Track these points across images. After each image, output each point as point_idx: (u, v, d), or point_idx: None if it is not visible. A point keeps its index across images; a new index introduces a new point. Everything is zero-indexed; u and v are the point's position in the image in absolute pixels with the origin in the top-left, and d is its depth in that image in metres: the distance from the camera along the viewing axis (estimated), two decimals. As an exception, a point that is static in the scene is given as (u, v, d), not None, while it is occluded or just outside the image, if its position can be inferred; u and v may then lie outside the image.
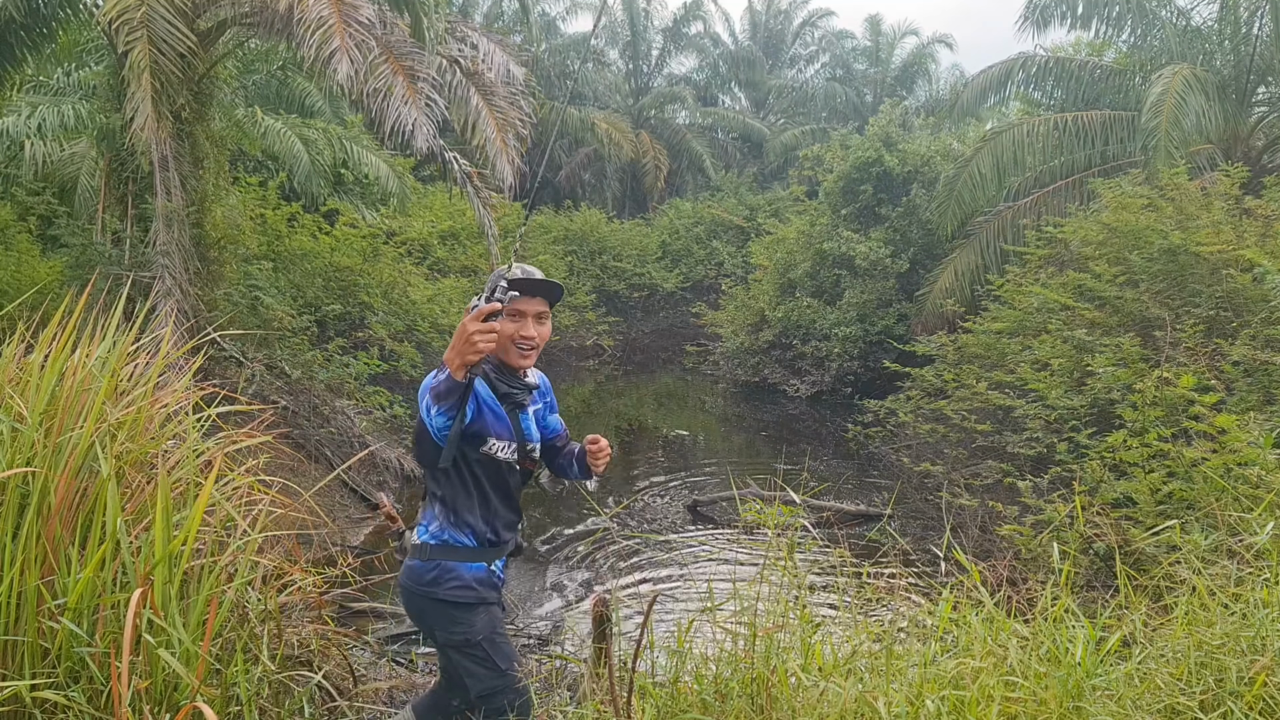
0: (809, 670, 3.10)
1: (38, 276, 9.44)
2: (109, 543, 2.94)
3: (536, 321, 3.01)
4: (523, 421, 3.10)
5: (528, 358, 3.02)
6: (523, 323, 2.98)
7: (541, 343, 3.04)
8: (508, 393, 3.05)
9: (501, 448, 3.02)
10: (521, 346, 2.99)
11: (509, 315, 2.93)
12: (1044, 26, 14.70)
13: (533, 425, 3.14)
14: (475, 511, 3.07)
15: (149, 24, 7.56)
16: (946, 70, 34.23)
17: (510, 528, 3.14)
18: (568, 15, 32.16)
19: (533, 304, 2.99)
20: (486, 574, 3.10)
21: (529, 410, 3.14)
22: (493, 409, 3.02)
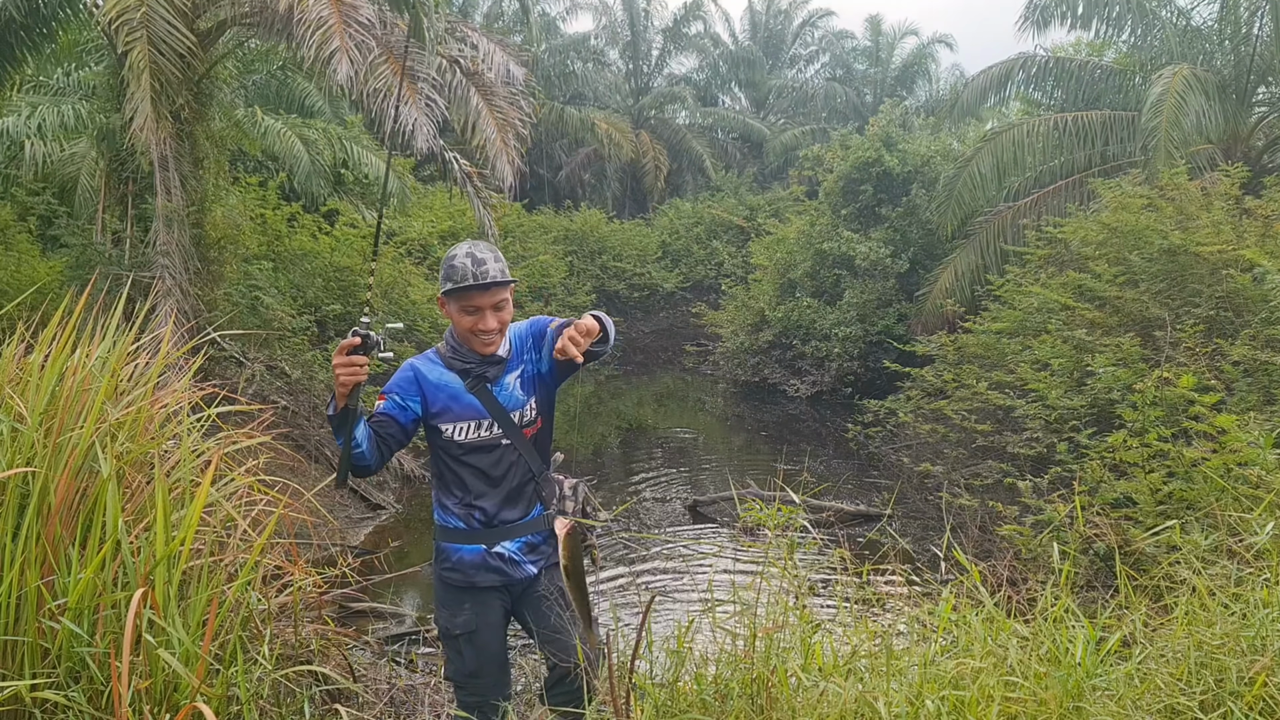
0: (809, 670, 3.10)
1: (38, 276, 9.44)
2: (109, 543, 2.94)
3: (494, 311, 2.90)
4: (499, 393, 2.97)
5: (491, 345, 2.94)
6: (480, 317, 2.89)
7: (504, 327, 2.95)
8: (465, 369, 2.96)
9: (464, 429, 2.94)
10: (482, 337, 2.92)
11: (462, 309, 2.88)
12: (1044, 26, 14.69)
13: (515, 390, 3.00)
14: (453, 494, 3.01)
15: (149, 24, 7.55)
16: (946, 70, 34.27)
17: (512, 505, 3.01)
18: (568, 15, 32.19)
19: (486, 297, 2.87)
20: (483, 558, 2.99)
21: (505, 379, 3.01)
22: (448, 391, 2.95)
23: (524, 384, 3.03)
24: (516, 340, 3.06)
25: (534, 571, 3.05)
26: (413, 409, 2.93)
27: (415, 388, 2.97)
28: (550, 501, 3.01)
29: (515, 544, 3.02)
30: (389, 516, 8.64)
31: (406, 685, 4.53)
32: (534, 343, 3.06)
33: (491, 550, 2.99)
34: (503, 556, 3.00)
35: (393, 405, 2.95)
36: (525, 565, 3.03)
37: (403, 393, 2.97)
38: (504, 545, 3.01)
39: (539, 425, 3.04)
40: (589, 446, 12.80)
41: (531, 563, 3.05)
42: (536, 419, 3.03)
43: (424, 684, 4.57)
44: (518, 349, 3.05)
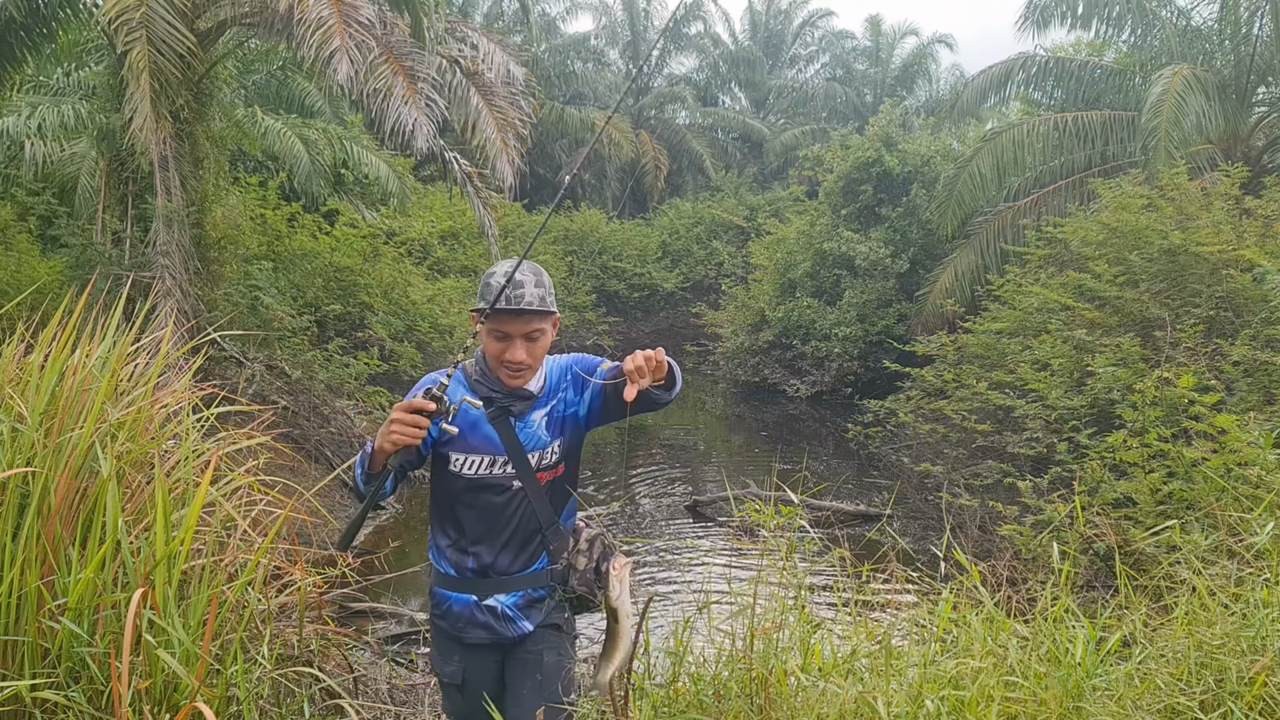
0: (808, 671, 3.10)
1: (38, 276, 9.44)
2: (109, 543, 2.94)
3: (526, 341, 2.58)
4: (521, 430, 2.64)
5: (518, 378, 2.62)
6: (509, 345, 2.57)
7: (536, 362, 2.64)
8: (491, 397, 2.63)
9: (474, 463, 2.62)
10: (509, 369, 2.60)
11: (492, 334, 2.58)
12: (1044, 26, 14.70)
13: (540, 429, 2.67)
14: (447, 534, 2.71)
15: (148, 24, 7.55)
16: (946, 70, 34.26)
17: (511, 554, 2.67)
18: (568, 15, 32.22)
19: (518, 324, 2.56)
20: (471, 611, 2.68)
21: (531, 416, 2.67)
22: (466, 418, 2.60)
23: (551, 424, 2.71)
24: (554, 375, 2.74)
25: (528, 628, 2.71)
26: (430, 432, 2.54)
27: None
28: (559, 555, 2.70)
29: (511, 598, 2.69)
30: (389, 516, 8.65)
31: (406, 685, 4.53)
32: (574, 381, 2.73)
33: (483, 603, 2.68)
34: (494, 611, 2.68)
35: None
36: (519, 622, 2.70)
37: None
38: (497, 598, 2.68)
39: (560, 471, 2.71)
40: (589, 446, 12.78)
41: (527, 619, 2.72)
42: (558, 464, 2.70)
43: (424, 684, 4.57)
44: (553, 385, 2.72)
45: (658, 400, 2.50)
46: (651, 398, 2.46)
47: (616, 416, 2.67)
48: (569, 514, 2.77)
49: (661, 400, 2.51)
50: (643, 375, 2.32)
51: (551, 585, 2.70)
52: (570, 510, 2.76)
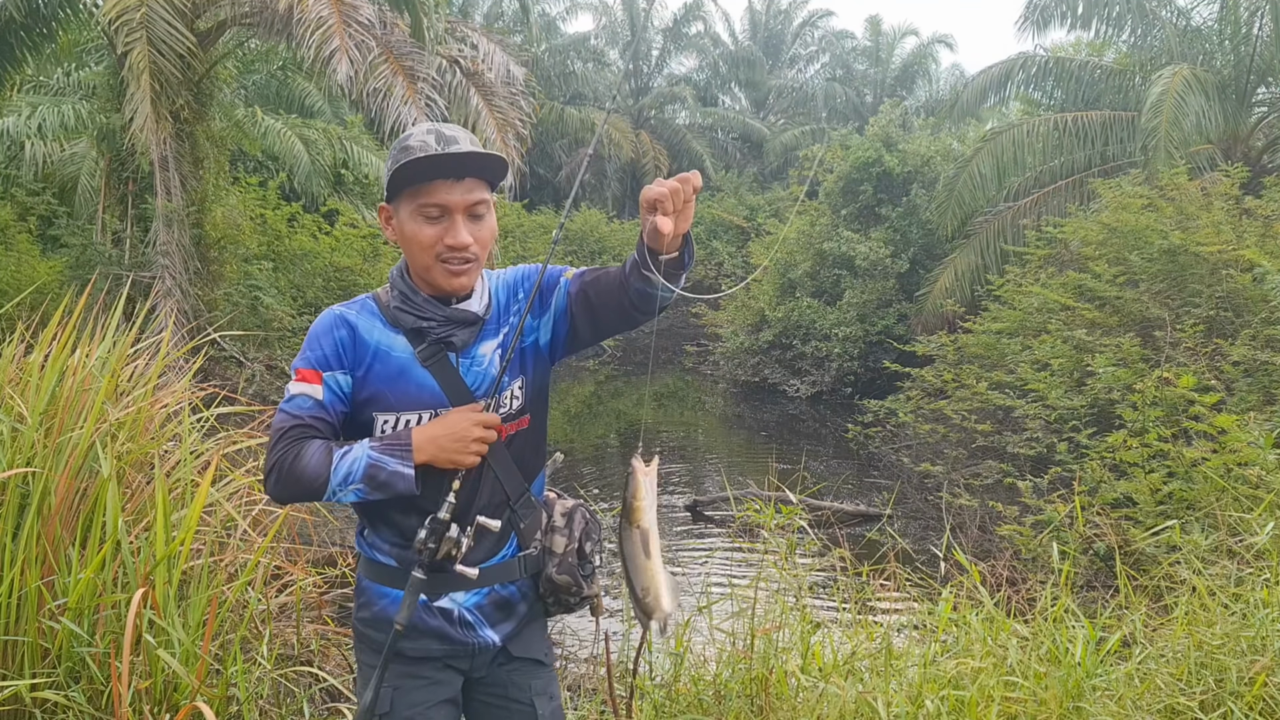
0: (809, 671, 3.10)
1: (38, 276, 9.44)
2: (109, 543, 2.94)
3: (469, 219, 1.84)
4: (467, 370, 1.92)
5: (462, 274, 1.86)
6: (448, 224, 1.83)
7: (483, 253, 1.88)
8: (420, 328, 1.90)
9: (408, 424, 1.89)
10: (450, 262, 1.84)
11: (420, 213, 1.83)
12: (1044, 26, 14.71)
13: (493, 367, 1.93)
14: (382, 520, 1.98)
15: (148, 25, 7.56)
16: (946, 70, 34.29)
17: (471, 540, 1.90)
18: (568, 15, 32.22)
19: (457, 189, 1.82)
20: (416, 614, 1.90)
21: (478, 349, 1.93)
22: (390, 362, 1.90)
23: (507, 350, 1.93)
24: (500, 293, 1.99)
25: (495, 640, 1.99)
26: (338, 385, 1.89)
27: (349, 356, 1.90)
28: (531, 536, 2.02)
29: (472, 597, 1.96)
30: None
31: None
32: (531, 298, 1.96)
33: (434, 604, 1.94)
34: (449, 615, 1.95)
35: (333, 397, 1.88)
36: (481, 629, 1.98)
37: (338, 370, 1.89)
38: (453, 598, 1.95)
39: (525, 423, 1.99)
40: (589, 447, 12.79)
41: (496, 627, 2.00)
42: (522, 413, 1.97)
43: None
44: (501, 305, 1.98)
45: (655, 289, 1.73)
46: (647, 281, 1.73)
47: (590, 339, 1.97)
48: (540, 483, 2.07)
49: (662, 291, 1.74)
50: (667, 211, 1.65)
51: (524, 578, 2.02)
52: (542, 478, 2.08)
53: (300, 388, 1.87)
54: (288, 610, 3.81)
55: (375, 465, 1.81)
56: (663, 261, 1.72)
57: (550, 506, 2.07)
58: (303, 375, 1.88)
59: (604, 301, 1.87)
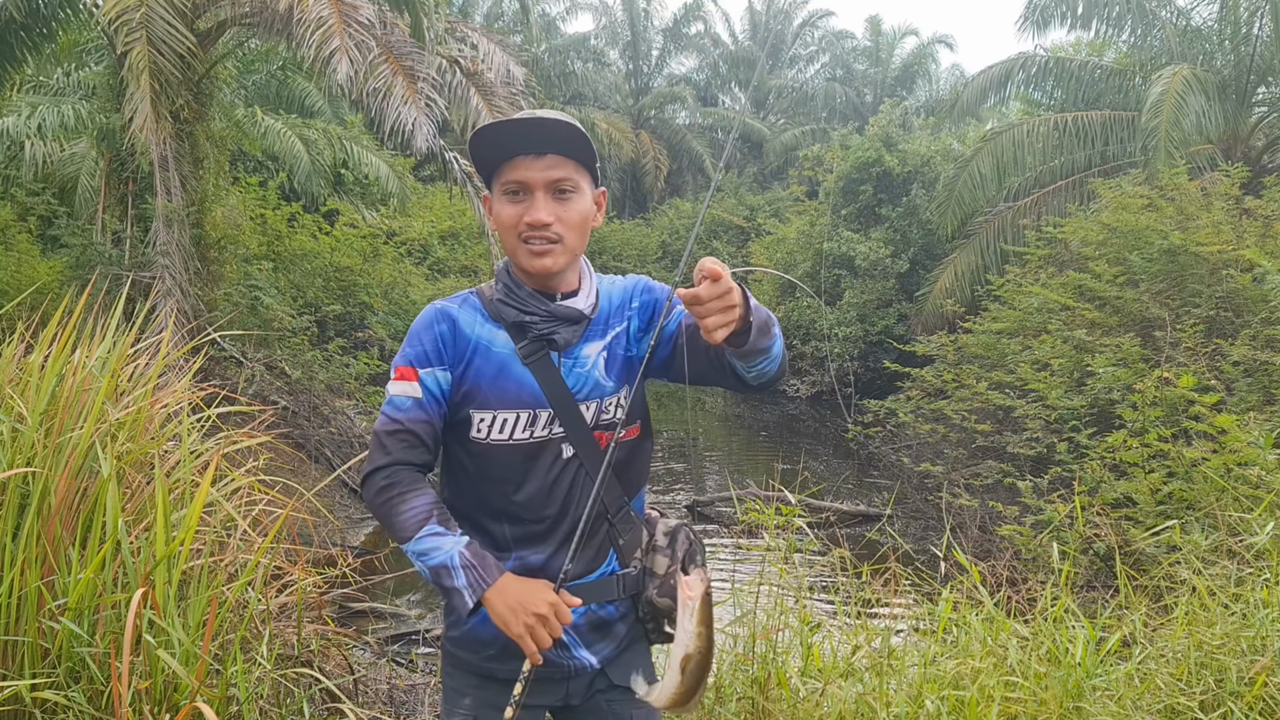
0: (809, 671, 3.10)
1: (38, 276, 9.44)
2: (109, 543, 2.94)
3: (552, 196, 1.76)
4: (569, 370, 1.83)
5: (542, 256, 1.77)
6: (528, 201, 1.75)
7: (569, 232, 1.78)
8: (522, 322, 1.82)
9: (506, 423, 1.80)
10: (530, 242, 1.76)
11: (505, 193, 1.78)
12: (1044, 27, 14.71)
13: (597, 370, 1.85)
14: (472, 520, 1.87)
15: (148, 25, 7.56)
16: (946, 70, 34.32)
17: (553, 534, 1.83)
18: (568, 15, 32.25)
19: (538, 166, 1.74)
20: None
21: (581, 350, 1.85)
22: (489, 357, 1.82)
23: (612, 364, 1.87)
24: (613, 296, 1.93)
25: (592, 663, 1.89)
26: (435, 384, 1.82)
27: (449, 352, 1.83)
28: (631, 554, 1.91)
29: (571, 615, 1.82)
30: (389, 516, 8.63)
31: (407, 685, 4.53)
32: (642, 311, 1.92)
33: None
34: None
35: (431, 397, 1.81)
36: (577, 650, 1.87)
37: (437, 366, 1.82)
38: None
39: (634, 433, 1.90)
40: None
41: (592, 648, 1.89)
42: (630, 424, 1.88)
43: (424, 684, 4.57)
44: (611, 308, 1.91)
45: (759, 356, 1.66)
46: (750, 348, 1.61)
47: (680, 375, 1.85)
48: (641, 500, 1.98)
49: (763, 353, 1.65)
50: (711, 311, 1.49)
51: (622, 599, 1.90)
52: (643, 496, 1.98)
53: (398, 387, 1.81)
54: (288, 610, 3.81)
55: (448, 570, 1.73)
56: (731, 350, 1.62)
57: (652, 525, 1.97)
58: (401, 373, 1.82)
59: (709, 352, 1.75)
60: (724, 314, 1.51)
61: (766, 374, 1.73)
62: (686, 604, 1.71)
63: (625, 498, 1.90)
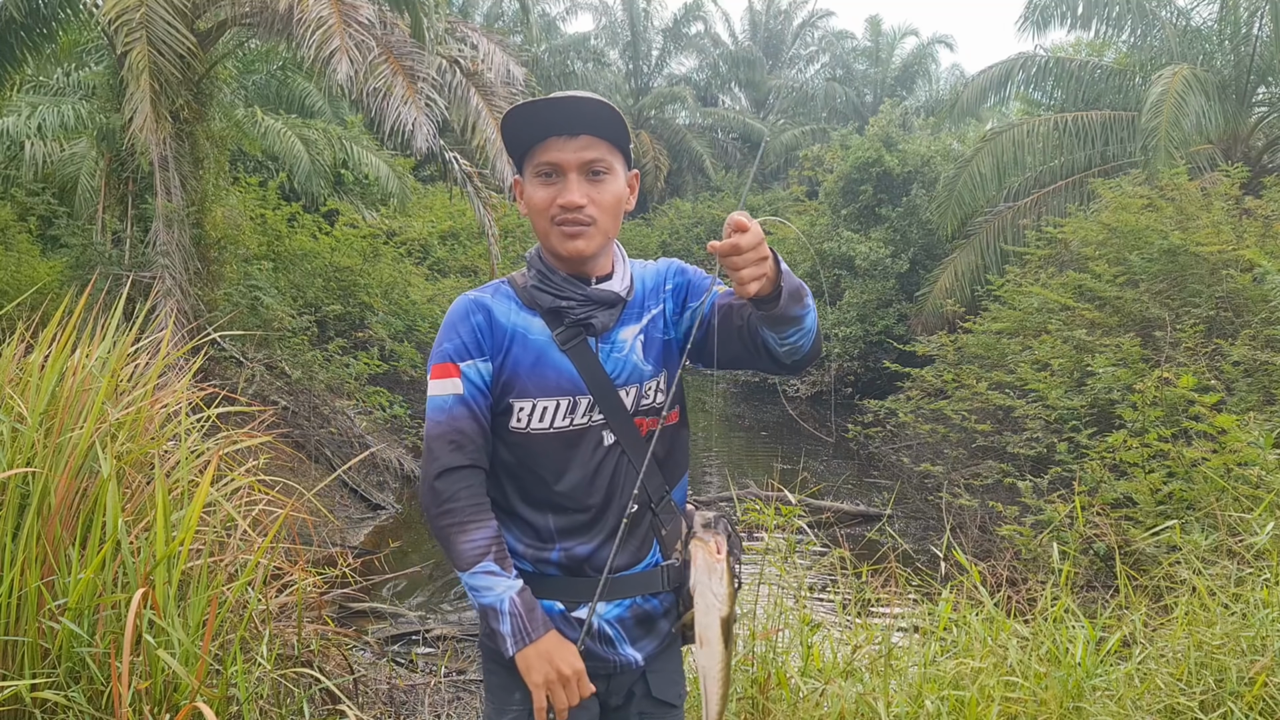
0: (809, 671, 3.10)
1: (38, 276, 9.44)
2: (109, 543, 2.94)
3: (585, 177, 1.72)
4: (607, 355, 1.80)
5: (575, 238, 1.73)
6: (560, 183, 1.72)
7: (602, 214, 1.74)
8: (558, 308, 1.79)
9: (546, 412, 1.77)
10: (564, 224, 1.72)
11: (537, 175, 1.74)
12: (1044, 27, 14.70)
13: (635, 354, 1.82)
14: (516, 520, 1.84)
15: (148, 25, 7.56)
16: (946, 70, 34.32)
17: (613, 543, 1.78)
18: (568, 15, 32.24)
19: (571, 147, 1.70)
20: (556, 621, 1.79)
21: (618, 333, 1.81)
22: (527, 345, 1.79)
23: (650, 348, 1.84)
24: (647, 279, 1.89)
25: (637, 659, 1.85)
26: (477, 376, 1.79)
27: (487, 342, 1.79)
28: (672, 545, 1.88)
29: (614, 608, 1.82)
30: (389, 516, 8.64)
31: (407, 685, 4.53)
32: (675, 293, 1.88)
33: (571, 614, 1.80)
34: (589, 629, 1.79)
35: (475, 389, 1.78)
36: (622, 647, 1.84)
37: (477, 358, 1.78)
38: (599, 611, 1.80)
39: (673, 419, 1.86)
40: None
41: (637, 644, 1.85)
42: (667, 409, 1.83)
43: (424, 684, 4.57)
44: (647, 290, 1.87)
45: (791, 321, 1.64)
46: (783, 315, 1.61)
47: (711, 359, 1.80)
48: (682, 490, 1.94)
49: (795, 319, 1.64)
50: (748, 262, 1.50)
51: (666, 591, 1.87)
52: (684, 485, 1.95)
53: (439, 386, 1.77)
54: (288, 610, 3.82)
55: (495, 613, 1.72)
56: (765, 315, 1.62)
57: (690, 517, 1.92)
58: (440, 370, 1.77)
59: (742, 331, 1.73)
60: (758, 265, 1.51)
61: (801, 349, 1.73)
62: (714, 566, 1.66)
63: (667, 486, 1.88)
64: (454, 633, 5.83)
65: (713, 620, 1.67)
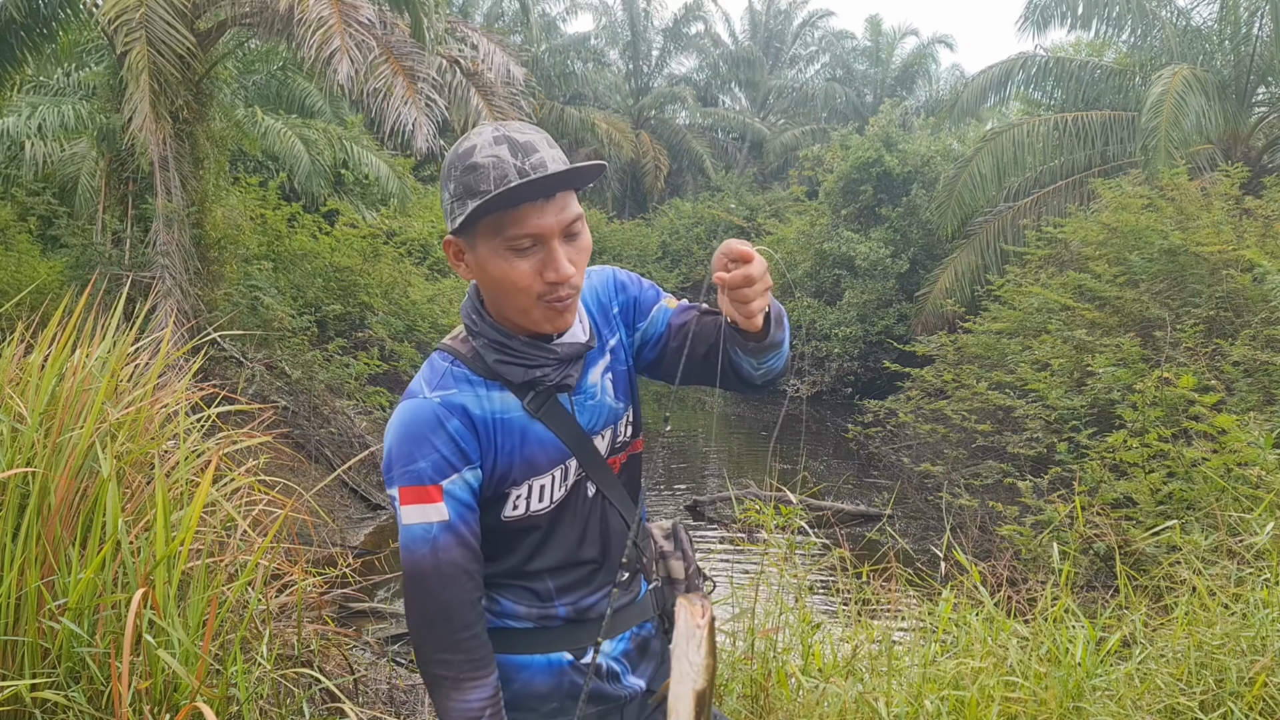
0: (809, 671, 3.10)
1: (38, 276, 9.44)
2: (109, 543, 2.94)
3: (565, 241, 1.51)
4: (580, 405, 1.66)
5: (565, 313, 1.54)
6: (544, 253, 1.48)
7: (581, 277, 1.55)
8: (530, 379, 1.59)
9: (544, 490, 1.63)
10: (553, 302, 1.52)
11: (507, 247, 1.48)
12: (1044, 27, 14.71)
13: (607, 394, 1.69)
14: (523, 594, 1.69)
15: (148, 25, 7.56)
16: (946, 70, 34.34)
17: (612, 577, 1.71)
18: (568, 15, 32.24)
19: (550, 211, 1.47)
20: (567, 676, 1.67)
21: (587, 379, 1.67)
22: (511, 429, 1.59)
23: (618, 383, 1.72)
24: (592, 305, 1.72)
25: (639, 686, 1.78)
26: (475, 490, 1.60)
27: (471, 446, 1.58)
28: (651, 567, 1.81)
29: (618, 644, 1.75)
30: (389, 516, 8.64)
31: (406, 685, 4.53)
32: (623, 314, 1.73)
33: (581, 661, 1.69)
34: (599, 670, 1.71)
35: (463, 509, 1.57)
36: (626, 677, 1.76)
37: (463, 469, 1.57)
38: (606, 649, 1.73)
39: (637, 447, 1.79)
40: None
41: (637, 671, 1.78)
42: (633, 439, 1.76)
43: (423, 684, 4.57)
44: (597, 319, 1.71)
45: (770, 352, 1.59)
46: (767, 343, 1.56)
47: (670, 377, 1.70)
48: (643, 507, 1.86)
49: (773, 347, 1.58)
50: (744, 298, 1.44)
51: (655, 614, 1.82)
52: (643, 502, 1.86)
53: (416, 514, 1.54)
54: (288, 611, 3.82)
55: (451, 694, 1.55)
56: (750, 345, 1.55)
57: (651, 534, 1.85)
58: (413, 495, 1.53)
59: (708, 355, 1.63)
60: (764, 296, 1.45)
61: (774, 370, 1.65)
62: (694, 632, 1.52)
63: (637, 511, 1.78)
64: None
65: (685, 691, 1.52)
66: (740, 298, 1.44)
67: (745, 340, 1.54)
